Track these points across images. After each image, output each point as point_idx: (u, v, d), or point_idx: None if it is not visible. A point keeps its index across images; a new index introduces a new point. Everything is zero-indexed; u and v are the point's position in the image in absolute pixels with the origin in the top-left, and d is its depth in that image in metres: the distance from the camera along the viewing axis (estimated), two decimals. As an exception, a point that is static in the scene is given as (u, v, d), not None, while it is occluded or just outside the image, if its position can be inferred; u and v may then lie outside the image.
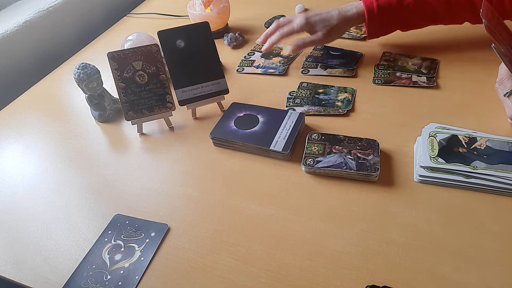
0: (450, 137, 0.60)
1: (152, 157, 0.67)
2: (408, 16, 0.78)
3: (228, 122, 0.68)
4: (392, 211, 0.54)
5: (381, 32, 0.81)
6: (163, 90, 0.70)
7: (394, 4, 0.76)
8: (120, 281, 0.50)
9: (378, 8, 0.76)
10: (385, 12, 0.76)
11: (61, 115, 0.79)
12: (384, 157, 0.62)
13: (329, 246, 0.51)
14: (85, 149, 0.70)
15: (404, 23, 0.80)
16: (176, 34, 0.69)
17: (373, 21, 0.78)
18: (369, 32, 0.80)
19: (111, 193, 0.62)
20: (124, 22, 1.11)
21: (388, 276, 0.47)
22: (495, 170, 0.54)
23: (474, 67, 0.77)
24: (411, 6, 0.76)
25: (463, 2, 0.74)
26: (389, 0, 0.76)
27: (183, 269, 0.51)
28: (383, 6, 0.76)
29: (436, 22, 0.80)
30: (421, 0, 0.75)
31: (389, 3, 0.76)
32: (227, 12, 0.95)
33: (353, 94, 0.75)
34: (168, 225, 0.56)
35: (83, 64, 0.70)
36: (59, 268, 0.52)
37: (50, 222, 0.58)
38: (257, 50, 0.91)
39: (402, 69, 0.78)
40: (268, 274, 0.49)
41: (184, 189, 0.61)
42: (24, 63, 0.93)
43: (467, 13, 0.76)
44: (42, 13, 0.96)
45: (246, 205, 0.57)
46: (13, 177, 0.67)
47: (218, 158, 0.65)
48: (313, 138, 0.64)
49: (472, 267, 0.47)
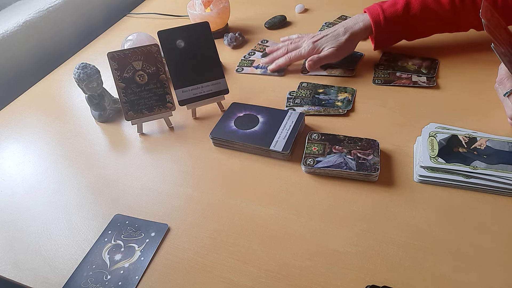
0: (450, 137, 0.60)
1: (152, 157, 0.67)
2: (415, 26, 0.78)
3: (228, 122, 0.68)
4: (392, 211, 0.54)
5: (388, 43, 0.82)
6: (163, 90, 0.70)
7: (400, 15, 0.76)
8: (120, 281, 0.50)
9: (384, 20, 0.76)
10: (392, 23, 0.76)
11: (61, 115, 0.79)
12: (384, 157, 0.62)
13: (329, 246, 0.51)
14: (85, 149, 0.70)
15: (411, 33, 0.80)
16: (176, 34, 0.69)
17: (381, 33, 0.78)
18: (376, 44, 0.80)
19: (111, 193, 0.62)
20: (124, 22, 1.11)
21: (388, 276, 0.47)
22: (495, 170, 0.54)
23: (474, 67, 0.77)
24: (417, 15, 0.75)
25: (469, 9, 0.74)
26: (395, 11, 0.76)
27: (183, 269, 0.51)
28: (389, 18, 0.76)
29: (443, 30, 0.80)
30: (427, 9, 0.75)
31: (395, 15, 0.76)
32: (227, 12, 0.95)
33: (353, 94, 0.75)
34: (168, 225, 0.56)
35: (83, 64, 0.70)
36: (59, 268, 0.52)
37: (50, 222, 0.58)
38: (257, 50, 0.91)
39: (402, 69, 0.78)
40: (268, 274, 0.49)
41: (184, 189, 0.61)
42: (24, 63, 0.93)
43: (472, 20, 0.76)
44: (42, 13, 0.96)
45: (246, 205, 0.57)
46: (13, 177, 0.67)
47: (218, 158, 0.65)
48: (313, 138, 0.64)
49: (472, 267, 0.47)
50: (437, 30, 0.80)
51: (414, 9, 0.75)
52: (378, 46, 0.82)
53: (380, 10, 0.76)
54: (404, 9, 0.75)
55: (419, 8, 0.75)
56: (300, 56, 0.80)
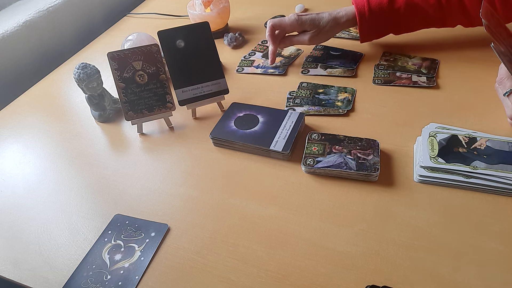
0: (450, 137, 0.60)
1: (152, 157, 0.67)
2: (400, 19, 0.78)
3: (228, 122, 0.68)
4: (392, 211, 0.54)
5: (373, 35, 0.82)
6: (163, 90, 0.70)
7: (385, 7, 0.76)
8: (120, 281, 0.50)
9: (369, 12, 0.76)
10: (376, 15, 0.77)
11: (61, 115, 0.79)
12: (384, 157, 0.62)
13: (329, 246, 0.51)
14: (85, 149, 0.70)
15: (396, 27, 0.80)
16: (176, 34, 0.69)
17: (365, 24, 0.78)
18: (361, 35, 0.81)
19: (111, 193, 0.62)
20: (124, 22, 1.11)
21: (388, 276, 0.47)
22: (495, 170, 0.54)
23: (474, 67, 0.77)
24: (401, 9, 0.76)
25: (455, 5, 0.74)
26: (380, 3, 0.76)
27: (183, 269, 0.51)
28: (374, 9, 0.76)
29: (428, 25, 0.80)
30: (412, 3, 0.75)
31: (380, 7, 0.76)
32: (227, 12, 0.95)
33: (353, 94, 0.75)
34: (168, 225, 0.56)
35: (83, 64, 0.70)
36: (59, 268, 0.52)
37: (50, 222, 0.58)
38: (257, 50, 0.91)
39: (402, 69, 0.78)
40: (268, 274, 0.49)
41: (184, 189, 0.61)
42: (24, 63, 0.93)
43: (459, 16, 0.76)
44: (42, 13, 0.96)
45: (246, 205, 0.57)
46: (13, 177, 0.67)
47: (218, 158, 0.65)
48: (313, 138, 0.64)
49: (472, 267, 0.47)
50: (423, 25, 0.80)
51: (399, 2, 0.76)
52: (364, 38, 0.82)
53: (365, 2, 0.77)
54: (389, 1, 0.76)
55: (404, 1, 0.75)
56: (284, 28, 0.80)
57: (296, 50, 0.88)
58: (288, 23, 0.79)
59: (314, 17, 0.79)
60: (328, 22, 0.78)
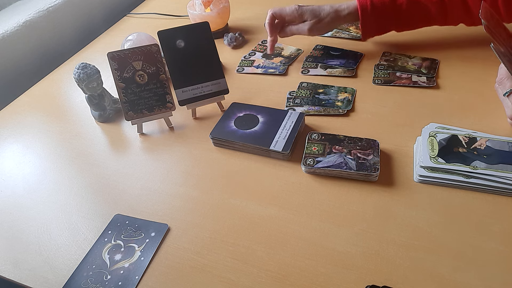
0: (450, 137, 0.60)
1: (152, 157, 0.67)
2: (401, 16, 0.78)
3: (228, 122, 0.68)
4: (392, 211, 0.54)
5: (375, 31, 0.82)
6: (163, 90, 0.70)
7: (387, 3, 0.76)
8: (120, 281, 0.50)
9: (372, 7, 0.76)
10: (379, 10, 0.77)
11: (61, 115, 0.79)
12: (384, 157, 0.62)
13: (329, 246, 0.51)
14: (85, 149, 0.70)
15: (398, 23, 0.80)
16: (176, 34, 0.69)
17: (367, 19, 0.78)
18: (363, 30, 0.81)
19: (111, 193, 0.62)
20: (124, 22, 1.11)
21: (388, 276, 0.47)
22: (495, 170, 0.54)
23: (474, 67, 0.77)
24: (404, 5, 0.76)
25: (457, 4, 0.74)
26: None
27: (183, 269, 0.51)
28: (376, 4, 0.76)
29: (430, 23, 0.80)
30: (415, 0, 0.76)
31: (382, 2, 0.76)
32: (227, 12, 0.95)
33: (353, 94, 0.75)
34: (168, 225, 0.56)
35: (83, 64, 0.70)
36: (59, 268, 0.52)
37: (50, 222, 0.58)
38: (257, 50, 0.91)
39: (402, 69, 0.78)
40: (268, 274, 0.49)
41: (184, 189, 0.61)
42: (24, 63, 0.93)
43: (461, 15, 0.76)
44: (42, 13, 0.96)
45: (246, 205, 0.57)
46: (13, 177, 0.67)
47: (218, 158, 0.65)
48: (313, 138, 0.64)
49: (472, 267, 0.47)
50: (425, 23, 0.80)
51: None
52: (365, 34, 0.82)
53: None
54: None
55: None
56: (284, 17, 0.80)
57: (296, 50, 0.89)
58: (288, 12, 0.80)
59: (315, 8, 0.79)
60: (328, 14, 0.78)
